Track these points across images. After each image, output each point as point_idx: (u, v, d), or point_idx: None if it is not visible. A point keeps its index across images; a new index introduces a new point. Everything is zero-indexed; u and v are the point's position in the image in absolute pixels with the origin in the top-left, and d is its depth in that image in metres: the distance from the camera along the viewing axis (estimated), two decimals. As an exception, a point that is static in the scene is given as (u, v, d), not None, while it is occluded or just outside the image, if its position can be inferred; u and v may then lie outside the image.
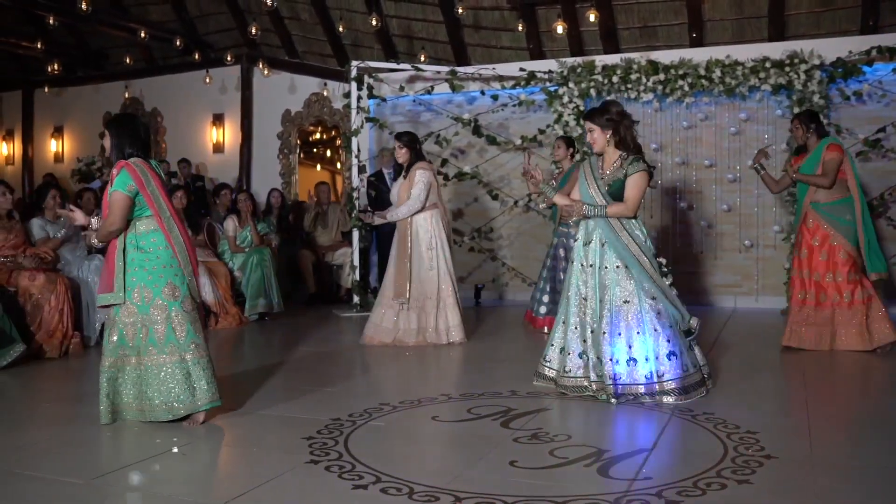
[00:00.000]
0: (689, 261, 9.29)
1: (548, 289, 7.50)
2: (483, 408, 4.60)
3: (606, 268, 4.83)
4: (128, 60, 12.31)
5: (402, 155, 6.96)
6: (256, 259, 8.62)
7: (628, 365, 4.71)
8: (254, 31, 10.44)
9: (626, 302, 4.75)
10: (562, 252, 7.33)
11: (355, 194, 9.33)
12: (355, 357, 6.57)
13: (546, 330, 7.35)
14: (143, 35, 11.15)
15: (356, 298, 9.11)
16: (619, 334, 4.73)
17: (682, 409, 4.50)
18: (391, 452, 3.88)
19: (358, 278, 9.16)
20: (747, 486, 3.29)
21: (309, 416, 4.44)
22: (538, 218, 9.80)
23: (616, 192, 4.88)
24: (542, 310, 7.50)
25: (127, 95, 12.68)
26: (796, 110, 8.44)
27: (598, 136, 4.94)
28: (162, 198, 4.35)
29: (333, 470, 3.52)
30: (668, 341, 4.69)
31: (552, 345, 5.09)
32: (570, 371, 4.92)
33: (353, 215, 9.18)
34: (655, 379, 4.66)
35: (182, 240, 4.38)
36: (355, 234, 9.28)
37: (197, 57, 11.92)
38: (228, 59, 11.49)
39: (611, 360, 4.73)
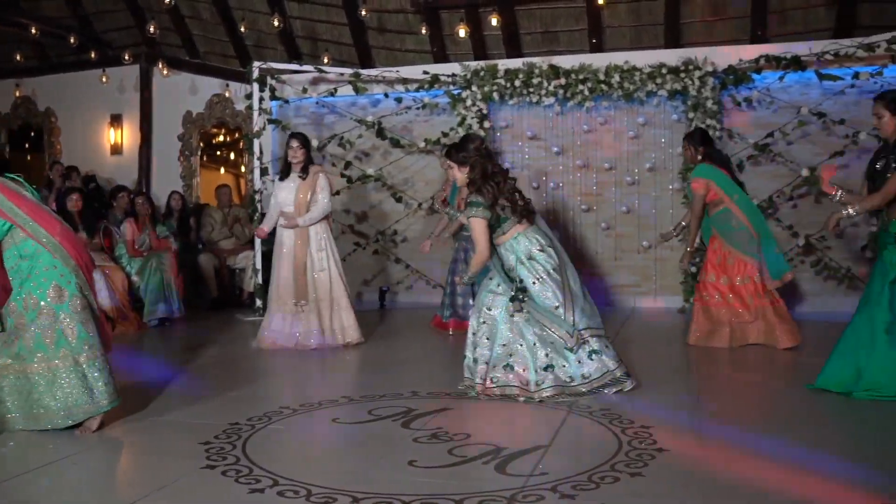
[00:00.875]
0: (589, 262, 9.47)
1: (448, 291, 7.57)
2: (384, 409, 4.60)
3: (499, 285, 4.99)
4: (19, 58, 11.82)
5: (300, 155, 6.88)
6: (155, 263, 8.42)
7: (504, 370, 4.84)
8: (152, 29, 10.20)
9: (511, 315, 4.89)
10: (462, 255, 7.38)
11: (258, 196, 9.21)
12: (256, 361, 6.47)
13: (450, 332, 7.42)
14: (34, 31, 10.76)
15: (259, 302, 8.98)
16: (504, 345, 4.88)
17: (580, 406, 4.60)
18: (290, 455, 3.84)
19: (260, 282, 9.03)
20: (639, 478, 3.38)
21: (207, 422, 4.36)
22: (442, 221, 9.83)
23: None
24: (447, 313, 7.56)
25: (18, 94, 12.20)
26: (691, 115, 8.74)
27: (457, 174, 5.13)
28: (14, 204, 4.18)
29: (230, 474, 3.47)
30: (546, 356, 4.81)
31: None
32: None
33: (255, 218, 9.08)
34: (534, 388, 4.80)
35: (53, 237, 4.21)
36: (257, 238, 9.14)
37: (93, 55, 11.54)
38: (126, 58, 11.19)
39: (486, 363, 4.88)
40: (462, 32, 9.44)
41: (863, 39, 8.34)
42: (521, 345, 4.85)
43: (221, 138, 12.58)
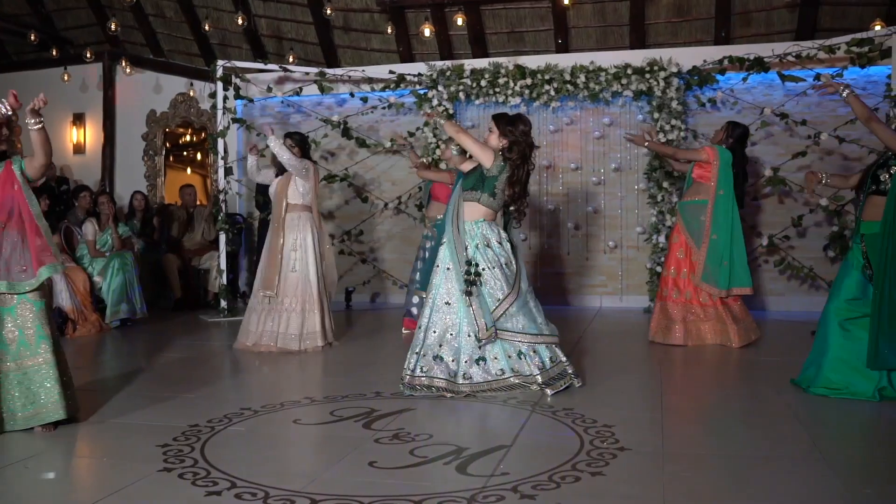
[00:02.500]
0: (558, 262, 9.50)
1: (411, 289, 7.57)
2: (346, 410, 4.57)
3: (438, 266, 5.05)
4: (-24, 54, 11.67)
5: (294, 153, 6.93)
6: (118, 263, 8.29)
7: (434, 360, 4.90)
8: (113, 27, 10.06)
9: (447, 303, 4.95)
10: (423, 254, 7.38)
11: (222, 196, 9.12)
12: (219, 362, 6.41)
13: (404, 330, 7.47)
14: (-8, 28, 10.60)
15: (223, 303, 8.90)
16: (436, 332, 4.94)
17: (543, 406, 4.59)
18: (249, 457, 3.79)
19: (225, 282, 8.96)
20: (600, 477, 3.38)
21: (166, 424, 4.30)
22: (409, 220, 9.84)
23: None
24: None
25: (-23, 92, 12.00)
26: (656, 115, 8.78)
27: (493, 139, 5.10)
28: None
29: (187, 477, 3.42)
30: (480, 347, 4.88)
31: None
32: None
33: (220, 218, 9.00)
34: (461, 381, 4.85)
35: None
36: (222, 238, 9.07)
37: (55, 53, 11.39)
38: (88, 56, 11.03)
39: (417, 352, 4.95)
40: (427, 32, 9.42)
41: (823, 42, 8.43)
42: (452, 334, 4.90)
43: (189, 138, 12.46)
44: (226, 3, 10.41)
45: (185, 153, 12.78)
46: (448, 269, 4.98)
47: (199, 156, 12.81)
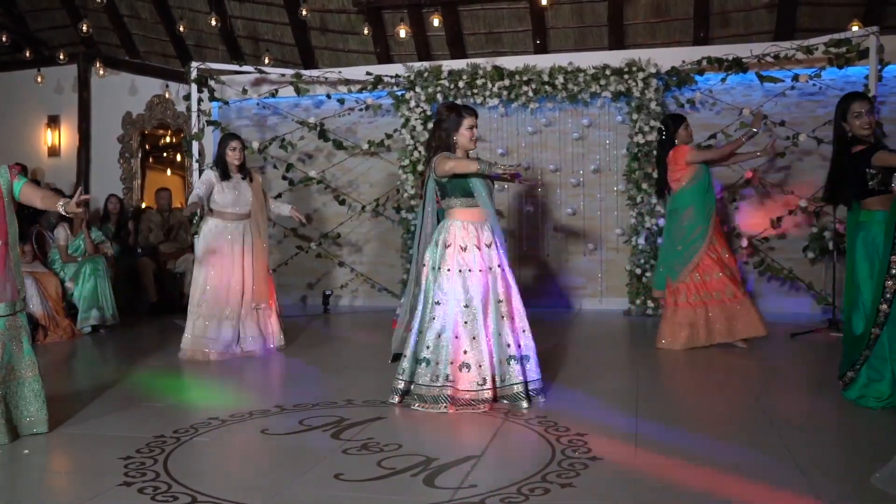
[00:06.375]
0: (537, 264, 9.43)
1: None
2: (316, 419, 4.47)
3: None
4: (-52, 56, 11.50)
5: (243, 156, 6.88)
6: (89, 269, 8.17)
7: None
8: (85, 28, 9.93)
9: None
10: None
11: (197, 199, 8.99)
12: (190, 370, 6.27)
13: None
14: (-37, 29, 10.45)
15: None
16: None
17: (516, 414, 4.52)
18: (213, 470, 3.70)
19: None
20: (570, 489, 3.30)
21: (130, 435, 4.19)
22: (386, 223, 9.75)
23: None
24: None
25: (-52, 93, 11.85)
26: (635, 116, 8.73)
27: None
28: None
29: (147, 492, 3.31)
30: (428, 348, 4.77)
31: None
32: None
33: (195, 223, 8.87)
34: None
35: None
36: (198, 241, 8.94)
37: (28, 54, 11.25)
38: (61, 57, 10.89)
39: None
40: (402, 33, 9.34)
41: (802, 42, 8.39)
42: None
43: (167, 140, 12.35)
44: (201, 4, 10.29)
45: (164, 155, 12.67)
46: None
47: (178, 157, 12.70)
